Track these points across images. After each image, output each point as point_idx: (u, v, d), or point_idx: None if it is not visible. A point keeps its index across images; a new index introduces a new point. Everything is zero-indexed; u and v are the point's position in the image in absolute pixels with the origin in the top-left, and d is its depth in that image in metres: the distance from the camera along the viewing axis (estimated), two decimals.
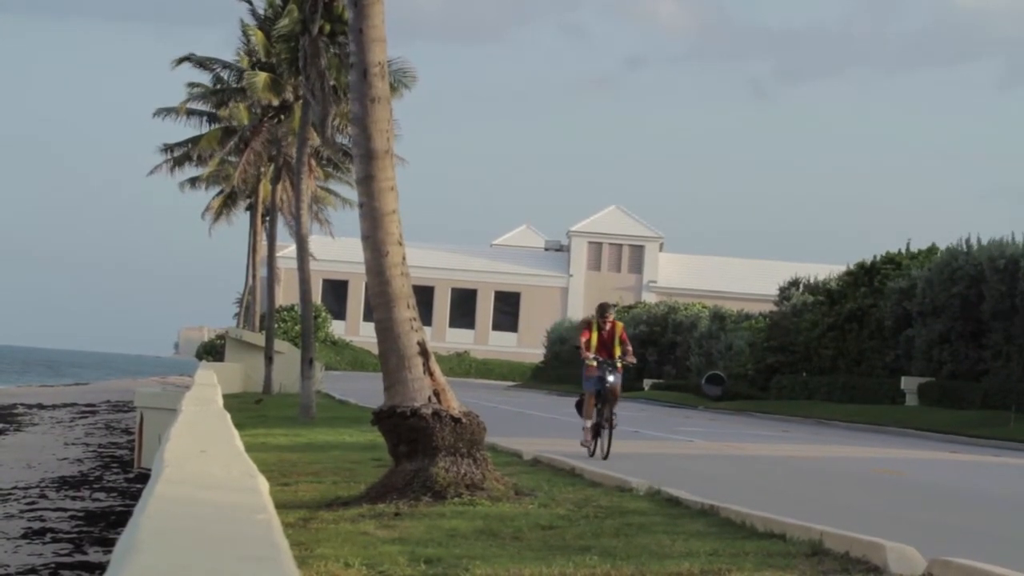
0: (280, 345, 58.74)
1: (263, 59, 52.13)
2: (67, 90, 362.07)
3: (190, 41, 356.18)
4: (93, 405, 67.98)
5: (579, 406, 24.78)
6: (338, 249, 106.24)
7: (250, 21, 52.63)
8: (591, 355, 23.90)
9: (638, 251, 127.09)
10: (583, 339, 24.16)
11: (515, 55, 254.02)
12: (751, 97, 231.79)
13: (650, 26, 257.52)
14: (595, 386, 23.95)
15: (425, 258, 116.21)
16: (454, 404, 16.63)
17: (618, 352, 24.12)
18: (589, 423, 24.09)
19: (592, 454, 23.69)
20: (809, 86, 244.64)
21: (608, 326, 24.18)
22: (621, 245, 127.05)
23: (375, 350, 17.98)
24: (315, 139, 46.20)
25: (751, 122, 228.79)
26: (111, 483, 31.82)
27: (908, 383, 54.53)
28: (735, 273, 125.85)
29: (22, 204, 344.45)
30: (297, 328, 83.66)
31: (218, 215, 74.23)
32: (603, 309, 24.57)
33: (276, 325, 63.52)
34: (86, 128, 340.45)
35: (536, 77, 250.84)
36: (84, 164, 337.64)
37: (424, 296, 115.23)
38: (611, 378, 23.83)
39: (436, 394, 16.56)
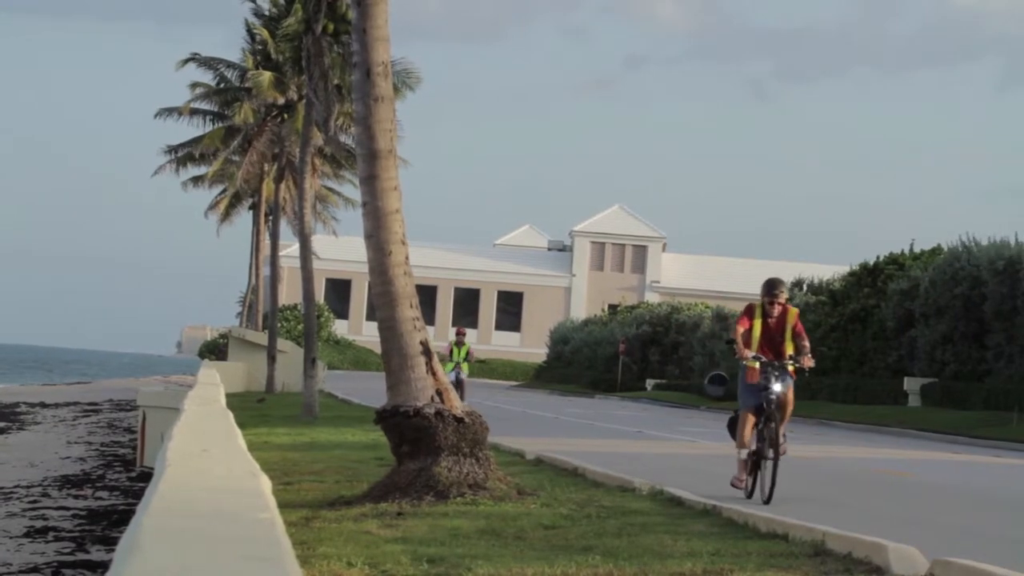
0: (283, 344, 58.77)
1: (271, 57, 52.17)
2: (69, 89, 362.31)
3: (191, 40, 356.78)
4: (96, 404, 67.98)
5: (732, 426, 18.32)
6: (341, 248, 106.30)
7: (254, 20, 52.66)
8: (751, 353, 17.64)
9: (641, 251, 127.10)
10: (740, 329, 17.77)
11: (516, 55, 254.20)
12: (752, 97, 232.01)
13: (649, 26, 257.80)
14: (756, 399, 17.63)
15: (428, 258, 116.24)
16: (457, 404, 16.63)
17: (790, 349, 17.89)
18: (746, 452, 17.64)
19: (750, 494, 17.43)
20: (809, 86, 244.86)
21: (777, 312, 17.78)
22: (624, 245, 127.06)
23: (378, 349, 17.98)
24: (319, 138, 46.23)
25: (752, 122, 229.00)
26: (113, 482, 31.82)
27: (911, 384, 54.51)
28: (738, 273, 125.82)
29: (24, 203, 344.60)
30: (300, 327, 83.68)
31: (224, 215, 74.27)
32: (771, 287, 17.80)
33: (279, 324, 63.56)
34: (89, 127, 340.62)
35: (537, 77, 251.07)
36: (86, 163, 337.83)
37: (427, 295, 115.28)
38: (778, 386, 17.63)
39: (439, 394, 16.56)
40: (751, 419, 17.62)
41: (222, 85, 60.63)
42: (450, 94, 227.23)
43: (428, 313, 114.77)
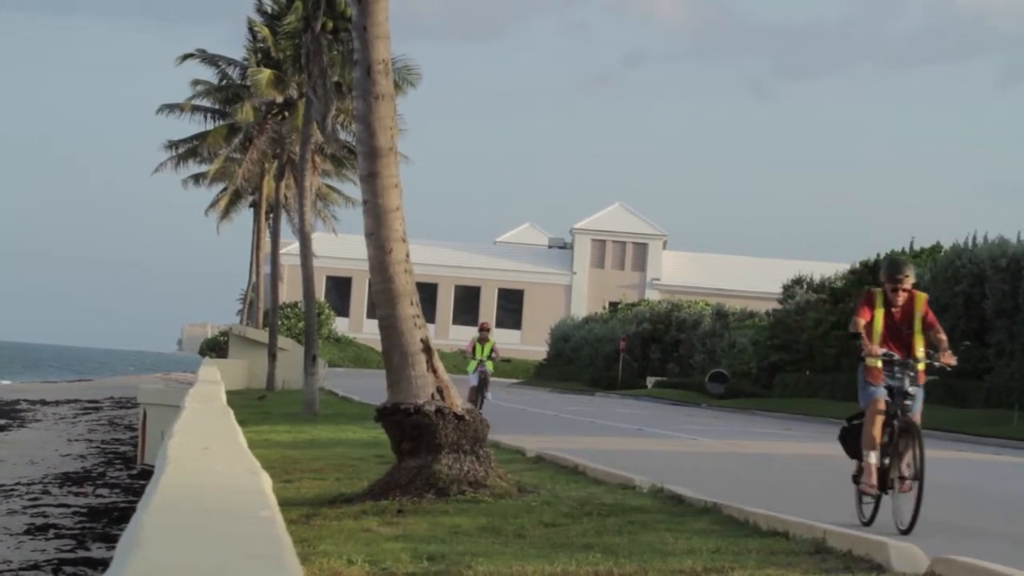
0: (283, 342, 58.79)
1: (271, 55, 52.21)
2: (69, 87, 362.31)
3: (192, 38, 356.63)
4: (96, 401, 68.04)
5: (845, 439, 15.34)
6: (341, 246, 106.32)
7: (256, 18, 52.67)
8: (879, 349, 14.78)
9: (642, 249, 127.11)
10: (861, 321, 14.87)
11: (516, 52, 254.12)
12: (752, 94, 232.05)
13: (649, 23, 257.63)
14: (882, 392, 14.87)
15: (429, 255, 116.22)
16: (457, 401, 16.63)
17: (920, 344, 14.87)
18: (875, 455, 14.66)
19: (869, 520, 14.59)
20: (810, 83, 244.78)
21: (902, 299, 14.82)
22: (624, 243, 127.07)
23: (378, 347, 17.98)
24: (319, 136, 46.23)
25: (753, 119, 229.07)
26: (114, 479, 31.84)
27: None
28: (739, 271, 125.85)
29: (25, 201, 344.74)
30: (300, 325, 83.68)
31: (225, 213, 74.33)
32: (894, 269, 14.84)
33: (279, 322, 63.57)
34: (89, 125, 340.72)
35: (537, 74, 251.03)
36: (87, 161, 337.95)
37: (428, 293, 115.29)
38: (911, 391, 14.68)
39: (439, 391, 16.55)
40: (880, 405, 14.61)
41: (224, 82, 60.64)
42: (450, 91, 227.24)
43: (429, 311, 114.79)
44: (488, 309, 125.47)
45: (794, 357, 67.09)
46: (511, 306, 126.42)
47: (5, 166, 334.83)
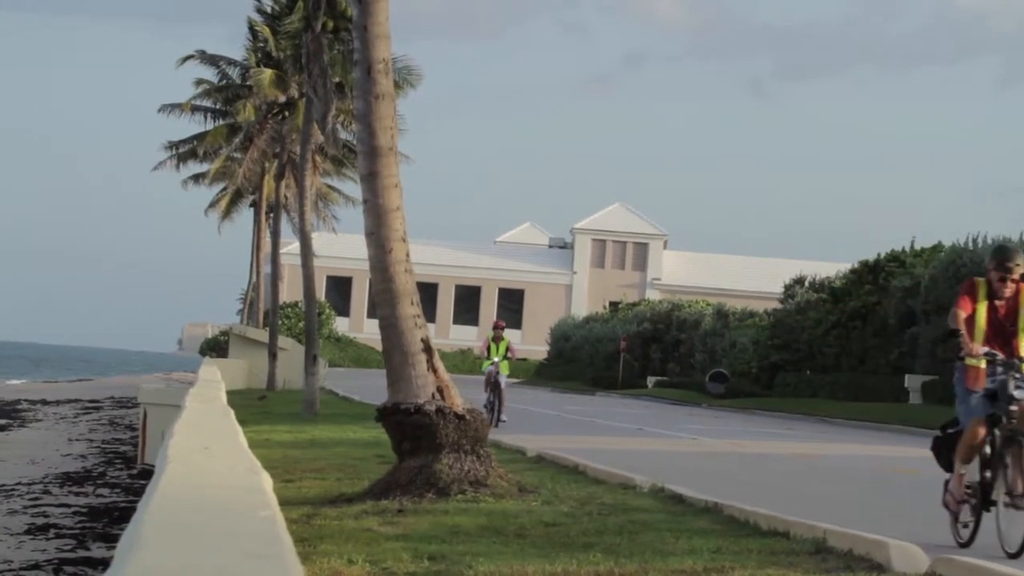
0: (284, 342, 58.79)
1: (272, 54, 52.25)
2: (69, 87, 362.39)
3: (192, 38, 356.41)
4: (97, 401, 68.05)
5: (940, 447, 13.99)
6: (342, 246, 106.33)
7: (256, 18, 52.69)
8: (981, 348, 13.32)
9: (642, 248, 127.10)
10: (962, 314, 13.42)
11: (516, 52, 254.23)
12: (752, 94, 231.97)
13: (648, 23, 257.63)
14: (984, 409, 13.29)
15: (429, 255, 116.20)
16: (458, 401, 16.63)
17: None
18: (965, 469, 13.36)
19: (968, 542, 13.07)
20: (810, 84, 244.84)
21: (1009, 291, 13.24)
22: (625, 242, 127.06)
23: (379, 347, 17.98)
24: (319, 136, 46.24)
25: (754, 119, 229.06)
26: (114, 479, 31.84)
27: (912, 381, 54.48)
28: (739, 271, 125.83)
29: (25, 201, 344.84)
30: (301, 324, 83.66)
31: (225, 213, 74.32)
32: (1004, 257, 13.15)
33: (280, 322, 63.58)
34: (89, 125, 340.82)
35: (537, 74, 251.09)
36: (87, 161, 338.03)
37: (428, 293, 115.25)
38: (1019, 394, 13.13)
39: (440, 391, 16.55)
40: (980, 431, 13.10)
41: (224, 82, 60.68)
42: (450, 91, 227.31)
43: (429, 310, 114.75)
44: (488, 309, 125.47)
45: (795, 357, 67.07)
46: (511, 306, 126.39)
47: (5, 166, 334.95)
